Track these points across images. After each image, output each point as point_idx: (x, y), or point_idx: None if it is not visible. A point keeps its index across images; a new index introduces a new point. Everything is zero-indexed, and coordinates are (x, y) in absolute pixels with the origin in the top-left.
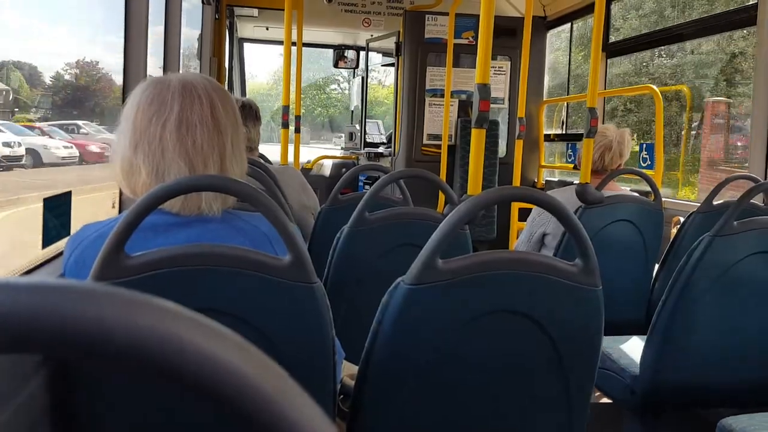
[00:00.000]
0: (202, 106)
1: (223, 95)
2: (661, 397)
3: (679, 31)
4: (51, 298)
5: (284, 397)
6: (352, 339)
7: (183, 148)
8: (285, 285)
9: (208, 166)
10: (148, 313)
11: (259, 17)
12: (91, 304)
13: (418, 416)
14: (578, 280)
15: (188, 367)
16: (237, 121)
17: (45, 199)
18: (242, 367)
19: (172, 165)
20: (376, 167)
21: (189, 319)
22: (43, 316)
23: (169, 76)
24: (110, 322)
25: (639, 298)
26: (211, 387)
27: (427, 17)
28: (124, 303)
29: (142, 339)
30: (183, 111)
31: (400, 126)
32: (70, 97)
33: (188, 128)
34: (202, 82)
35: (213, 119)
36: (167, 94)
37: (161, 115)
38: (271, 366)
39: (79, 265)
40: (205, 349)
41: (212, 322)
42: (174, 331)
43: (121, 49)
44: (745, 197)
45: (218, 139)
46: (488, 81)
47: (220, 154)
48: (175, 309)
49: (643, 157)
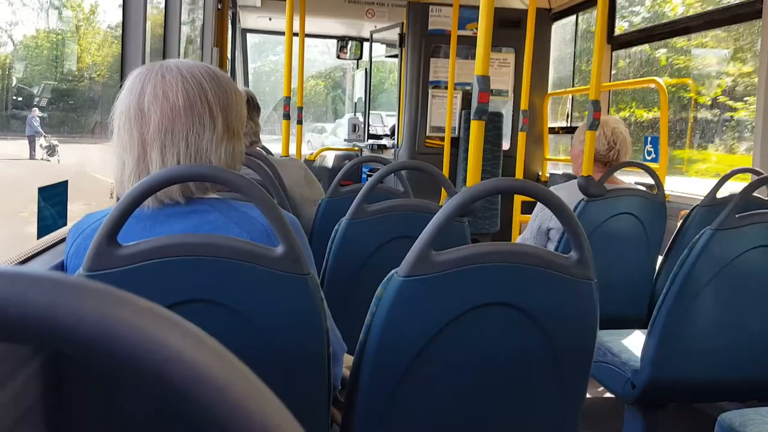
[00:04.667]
0: (186, 93)
1: (212, 79)
2: (661, 391)
3: (684, 24)
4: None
5: (238, 386)
6: (351, 330)
7: (166, 138)
8: (277, 276)
9: (189, 155)
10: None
11: (261, 7)
12: (36, 289)
13: (411, 407)
14: (573, 273)
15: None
16: (228, 105)
17: (40, 189)
18: (190, 352)
19: (154, 155)
20: (377, 159)
21: (125, 301)
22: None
23: (156, 62)
24: (46, 306)
25: (641, 292)
26: (158, 373)
27: (430, 8)
28: (70, 289)
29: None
30: (165, 98)
31: (403, 118)
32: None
33: (170, 120)
34: (187, 67)
35: (196, 107)
36: (148, 82)
37: (141, 104)
38: (220, 350)
39: (80, 253)
40: (155, 334)
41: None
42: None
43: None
44: (748, 190)
45: (202, 128)
46: (488, 72)
47: (205, 141)
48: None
49: (648, 151)
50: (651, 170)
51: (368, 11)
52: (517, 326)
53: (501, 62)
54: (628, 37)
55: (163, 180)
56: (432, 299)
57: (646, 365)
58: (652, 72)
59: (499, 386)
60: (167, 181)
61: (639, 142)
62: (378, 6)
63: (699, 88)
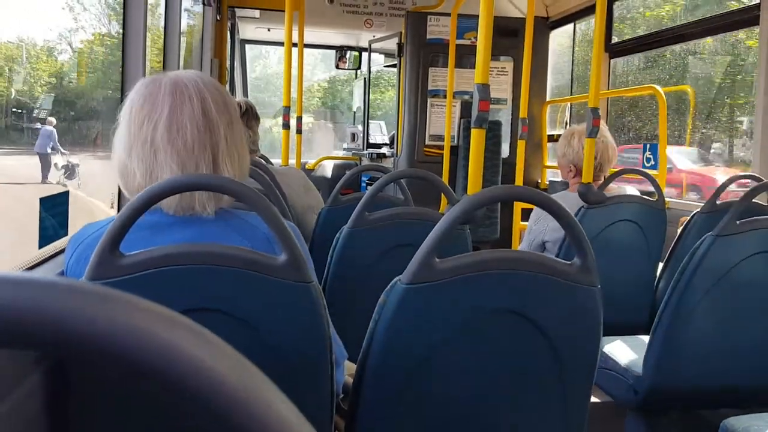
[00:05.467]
0: (193, 106)
1: (216, 92)
2: (663, 397)
3: (682, 31)
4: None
5: (243, 382)
6: (352, 339)
7: (174, 149)
8: (280, 284)
9: (200, 167)
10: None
11: (260, 18)
12: (50, 296)
13: (414, 415)
14: (576, 279)
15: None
16: (232, 117)
17: (41, 199)
18: (198, 353)
19: (165, 167)
20: (376, 168)
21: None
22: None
23: (162, 75)
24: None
25: (643, 299)
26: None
27: (429, 18)
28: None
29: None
30: (173, 112)
31: (402, 127)
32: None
33: (179, 129)
34: (194, 79)
35: (204, 119)
36: (158, 94)
37: (152, 116)
38: (229, 352)
39: (80, 263)
40: (162, 336)
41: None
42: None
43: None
44: (748, 197)
45: (210, 138)
46: (488, 81)
47: (212, 154)
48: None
49: (647, 158)
50: (651, 177)
51: (366, 21)
52: (521, 333)
53: (500, 71)
54: (626, 44)
55: (167, 189)
56: (435, 307)
57: (647, 371)
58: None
59: (503, 393)
60: (170, 191)
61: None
62: (376, 16)
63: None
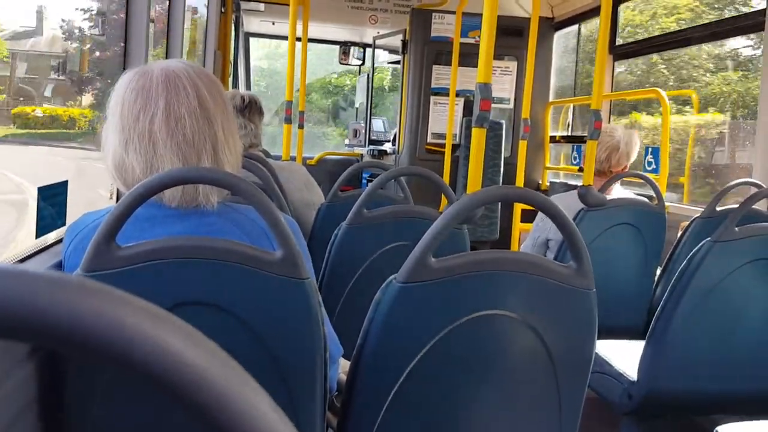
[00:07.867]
0: (189, 97)
1: (209, 82)
2: (658, 402)
3: (686, 35)
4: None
5: (239, 393)
6: (349, 336)
7: (174, 142)
8: (274, 279)
9: (201, 158)
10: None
11: (265, 12)
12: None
13: (407, 414)
14: (572, 282)
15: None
16: (226, 107)
17: (39, 188)
18: (178, 347)
19: (165, 160)
20: (377, 164)
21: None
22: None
23: (150, 65)
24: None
25: (640, 302)
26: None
27: (433, 15)
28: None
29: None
30: (169, 104)
31: (404, 124)
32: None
33: (177, 121)
34: (186, 69)
35: (201, 109)
36: (151, 86)
37: (148, 109)
38: (207, 344)
39: (78, 252)
40: (148, 331)
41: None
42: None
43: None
44: (747, 203)
45: (209, 129)
46: (490, 80)
47: (212, 145)
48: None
49: (648, 161)
50: (651, 181)
51: (371, 17)
52: (515, 334)
53: (503, 70)
54: (629, 47)
55: (165, 181)
56: (430, 306)
57: (643, 376)
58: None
59: (497, 394)
60: (169, 183)
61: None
62: (381, 12)
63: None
